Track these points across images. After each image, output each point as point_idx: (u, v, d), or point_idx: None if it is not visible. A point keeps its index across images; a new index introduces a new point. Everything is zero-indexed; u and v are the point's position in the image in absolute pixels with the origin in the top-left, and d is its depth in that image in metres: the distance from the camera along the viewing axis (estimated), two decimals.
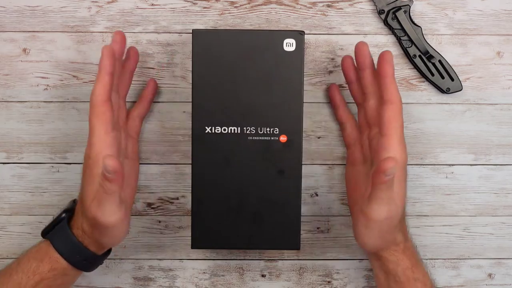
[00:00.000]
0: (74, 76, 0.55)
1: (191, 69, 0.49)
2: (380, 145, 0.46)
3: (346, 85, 0.54)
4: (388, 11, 0.54)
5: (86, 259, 0.48)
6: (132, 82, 0.55)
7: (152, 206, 0.56)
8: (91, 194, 0.45)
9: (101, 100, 0.45)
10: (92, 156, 0.45)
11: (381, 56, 0.47)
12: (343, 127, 0.53)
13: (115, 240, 0.48)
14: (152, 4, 0.54)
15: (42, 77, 0.55)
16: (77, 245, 0.47)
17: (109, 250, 0.51)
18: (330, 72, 0.55)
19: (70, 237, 0.47)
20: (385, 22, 0.54)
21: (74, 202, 0.51)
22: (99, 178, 0.44)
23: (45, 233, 0.49)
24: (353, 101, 0.53)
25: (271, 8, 0.55)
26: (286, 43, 0.48)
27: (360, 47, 0.49)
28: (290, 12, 0.55)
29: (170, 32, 0.54)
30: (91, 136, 0.46)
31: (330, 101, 0.54)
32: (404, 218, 0.49)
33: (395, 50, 0.55)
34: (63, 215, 0.49)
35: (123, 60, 0.50)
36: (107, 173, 0.42)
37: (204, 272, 0.57)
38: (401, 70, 0.55)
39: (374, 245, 0.48)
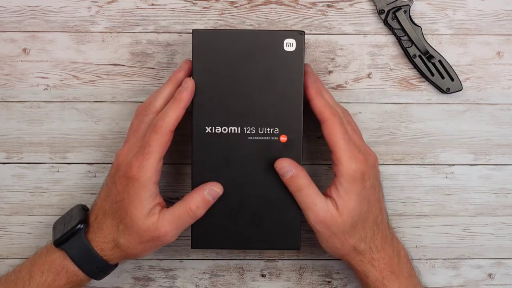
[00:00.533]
0: (74, 76, 0.55)
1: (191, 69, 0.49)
2: (332, 160, 0.47)
3: (346, 85, 0.54)
4: (388, 11, 0.54)
5: (102, 270, 0.48)
6: (132, 83, 0.55)
7: None
8: (142, 213, 0.46)
9: (170, 130, 0.46)
10: (141, 180, 0.45)
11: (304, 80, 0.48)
12: None
13: (150, 253, 0.49)
14: (152, 4, 0.54)
15: (42, 77, 0.55)
16: (96, 257, 0.47)
17: None
18: (330, 72, 0.55)
19: (89, 249, 0.47)
20: (385, 22, 0.54)
21: (84, 208, 0.51)
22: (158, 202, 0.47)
23: (59, 243, 0.48)
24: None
25: (271, 8, 0.55)
26: (286, 43, 0.48)
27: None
28: (290, 12, 0.55)
29: (170, 32, 0.54)
30: (145, 160, 0.45)
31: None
32: (369, 228, 0.48)
33: (395, 50, 0.55)
34: (79, 226, 0.48)
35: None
36: (213, 199, 0.47)
37: (204, 272, 0.57)
38: (401, 70, 0.55)
39: (328, 249, 0.49)
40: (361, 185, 0.47)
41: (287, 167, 0.47)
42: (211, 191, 0.47)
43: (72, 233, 0.47)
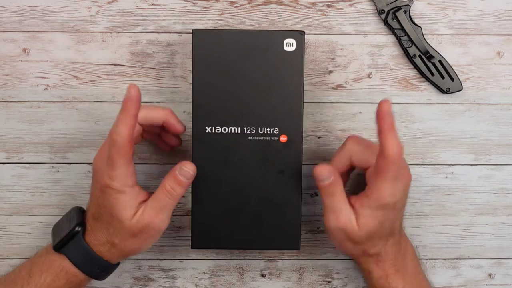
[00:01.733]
0: (74, 76, 0.55)
1: (191, 69, 0.49)
2: (367, 179, 0.47)
3: (346, 85, 0.54)
4: (388, 11, 0.54)
5: (103, 270, 0.48)
6: (132, 82, 0.55)
7: None
8: (127, 215, 0.46)
9: (126, 141, 0.45)
10: (115, 188, 0.45)
11: (378, 108, 0.45)
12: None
13: (149, 246, 0.48)
14: (152, 4, 0.54)
15: (42, 77, 0.55)
16: (97, 259, 0.47)
17: None
18: (330, 72, 0.55)
19: (88, 251, 0.47)
20: (385, 22, 0.54)
21: (80, 210, 0.51)
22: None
23: (58, 247, 0.48)
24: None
25: (271, 8, 0.55)
26: (286, 43, 0.48)
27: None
28: (290, 12, 0.55)
29: (170, 32, 0.54)
30: (112, 169, 0.45)
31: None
32: (383, 239, 0.48)
33: (395, 50, 0.55)
34: (77, 228, 0.48)
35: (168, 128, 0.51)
36: (186, 179, 0.47)
37: (204, 272, 0.57)
38: (401, 70, 0.55)
39: (343, 251, 0.50)
40: (388, 212, 0.46)
41: (326, 174, 0.46)
42: (182, 171, 0.47)
43: (71, 236, 0.47)
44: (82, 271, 0.47)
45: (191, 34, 0.48)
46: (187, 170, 0.47)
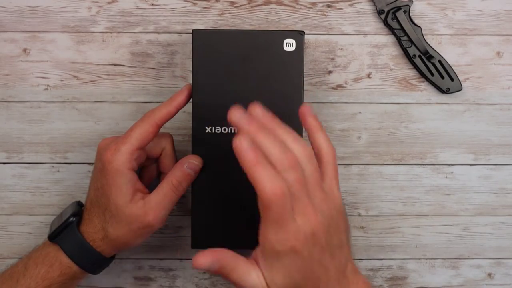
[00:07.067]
0: (74, 76, 0.55)
1: (191, 69, 0.49)
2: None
3: (346, 85, 0.54)
4: (388, 11, 0.54)
5: (96, 262, 0.48)
6: (132, 83, 0.55)
7: None
8: (124, 200, 0.45)
9: (156, 122, 0.46)
10: (114, 164, 0.45)
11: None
12: None
13: (141, 242, 0.48)
14: (152, 4, 0.54)
15: (43, 77, 0.55)
16: (89, 250, 0.47)
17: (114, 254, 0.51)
18: (330, 72, 0.55)
19: (81, 241, 0.47)
20: (385, 22, 0.54)
21: (79, 204, 0.51)
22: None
23: (53, 237, 0.48)
24: None
25: (271, 8, 0.55)
26: (286, 43, 0.48)
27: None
28: (290, 12, 0.55)
29: (170, 32, 0.55)
30: (122, 144, 0.45)
31: None
32: None
33: (395, 50, 0.55)
34: (72, 219, 0.48)
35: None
36: (194, 172, 0.48)
37: (204, 272, 0.57)
38: (401, 70, 0.55)
39: None
40: (291, 260, 0.38)
41: (208, 263, 0.40)
42: (190, 164, 0.47)
43: (65, 226, 0.47)
44: (74, 261, 0.47)
45: (191, 34, 0.48)
46: (195, 163, 0.47)
